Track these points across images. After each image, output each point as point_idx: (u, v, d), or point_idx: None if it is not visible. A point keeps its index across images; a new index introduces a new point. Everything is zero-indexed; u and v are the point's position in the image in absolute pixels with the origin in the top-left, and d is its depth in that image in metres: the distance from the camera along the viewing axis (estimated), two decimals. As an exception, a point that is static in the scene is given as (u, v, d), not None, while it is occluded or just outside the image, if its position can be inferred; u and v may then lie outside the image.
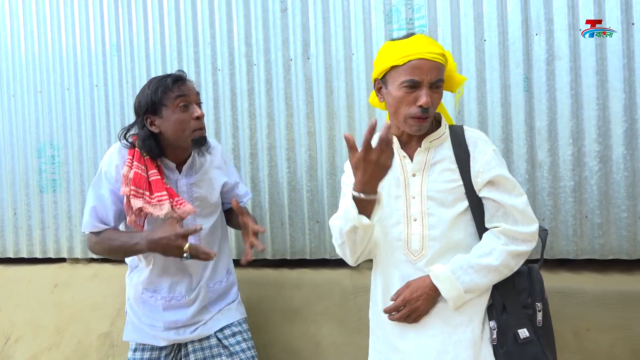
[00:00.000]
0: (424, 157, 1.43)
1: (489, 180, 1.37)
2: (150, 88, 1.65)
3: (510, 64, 1.99)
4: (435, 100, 1.36)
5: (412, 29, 2.10)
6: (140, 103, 1.67)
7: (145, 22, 2.54)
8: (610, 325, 1.82)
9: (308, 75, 2.26)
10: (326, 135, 2.24)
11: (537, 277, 1.40)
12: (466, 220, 1.40)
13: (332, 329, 2.14)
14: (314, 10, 2.24)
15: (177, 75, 1.68)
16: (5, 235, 2.91)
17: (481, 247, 1.37)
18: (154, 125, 1.66)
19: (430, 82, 1.33)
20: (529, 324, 1.36)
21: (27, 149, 2.81)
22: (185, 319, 1.78)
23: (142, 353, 1.81)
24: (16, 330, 2.68)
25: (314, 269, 2.30)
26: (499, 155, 1.43)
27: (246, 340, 1.85)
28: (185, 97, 1.65)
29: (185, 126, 1.65)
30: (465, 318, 1.36)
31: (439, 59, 1.34)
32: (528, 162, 1.98)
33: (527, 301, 1.37)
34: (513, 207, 1.34)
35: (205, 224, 1.80)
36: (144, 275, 1.79)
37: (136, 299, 1.82)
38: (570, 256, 1.95)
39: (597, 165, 1.90)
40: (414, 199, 1.42)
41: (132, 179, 1.63)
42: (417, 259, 1.40)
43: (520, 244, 1.34)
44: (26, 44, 2.81)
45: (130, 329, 1.84)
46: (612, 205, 1.90)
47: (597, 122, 1.89)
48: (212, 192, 1.83)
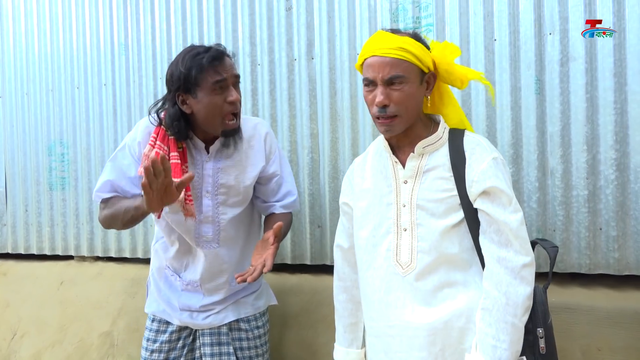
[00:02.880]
0: (416, 164, 1.34)
1: (483, 191, 1.26)
2: (185, 64, 1.50)
3: (521, 65, 1.88)
4: (396, 99, 1.26)
5: (418, 27, 2.02)
6: (173, 77, 1.53)
7: (153, 21, 2.53)
8: (623, 346, 1.69)
9: (312, 75, 2.20)
10: (329, 137, 2.17)
11: (540, 299, 1.28)
12: (461, 233, 1.29)
13: (330, 337, 2.06)
14: (319, 8, 2.18)
15: (214, 53, 1.51)
16: (17, 232, 2.95)
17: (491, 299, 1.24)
18: (185, 105, 1.55)
19: (385, 80, 1.26)
20: (529, 351, 1.25)
21: (38, 146, 2.85)
22: (199, 306, 1.74)
23: (159, 325, 1.79)
24: (22, 325, 2.71)
25: (314, 275, 2.24)
26: (500, 165, 1.30)
27: (250, 339, 1.79)
28: (221, 80, 1.51)
29: (218, 111, 1.54)
30: (454, 340, 1.27)
31: (393, 54, 1.24)
32: (539, 170, 1.86)
33: (528, 326, 1.25)
34: (505, 224, 1.23)
35: (228, 213, 1.69)
36: (169, 252, 1.75)
37: (159, 272, 1.80)
38: (583, 270, 1.83)
39: (613, 174, 1.78)
40: (405, 207, 1.33)
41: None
42: (406, 271, 1.31)
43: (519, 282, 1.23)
44: (39, 44, 2.85)
45: (150, 300, 1.83)
46: (628, 217, 1.77)
47: (614, 127, 1.77)
48: (242, 181, 1.69)
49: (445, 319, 1.28)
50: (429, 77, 1.32)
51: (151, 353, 1.77)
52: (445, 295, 1.29)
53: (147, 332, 1.81)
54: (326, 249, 2.20)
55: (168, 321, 1.78)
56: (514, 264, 1.22)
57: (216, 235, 1.70)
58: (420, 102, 1.33)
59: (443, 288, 1.30)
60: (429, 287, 1.30)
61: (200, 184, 1.66)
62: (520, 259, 1.22)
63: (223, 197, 1.68)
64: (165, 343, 1.77)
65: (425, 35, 2.01)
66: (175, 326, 1.78)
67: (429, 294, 1.30)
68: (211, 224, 1.68)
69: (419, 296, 1.30)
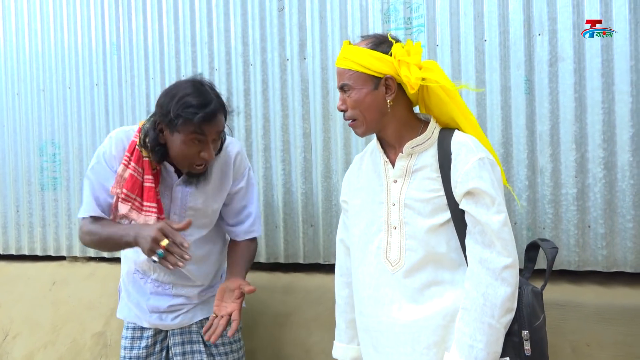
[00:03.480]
0: (405, 163, 1.36)
1: (467, 191, 1.27)
2: (177, 105, 1.47)
3: (511, 65, 1.91)
4: (349, 104, 1.35)
5: (410, 28, 2.04)
6: (162, 109, 1.51)
7: (145, 21, 2.53)
8: (612, 342, 1.72)
9: (304, 75, 2.22)
10: (322, 137, 2.18)
11: (527, 300, 1.28)
12: (448, 233, 1.31)
13: (323, 336, 2.08)
14: (311, 9, 2.19)
15: (208, 114, 1.48)
16: (8, 232, 2.94)
17: (471, 299, 1.26)
18: (161, 134, 1.55)
19: (338, 87, 1.37)
20: (514, 353, 1.25)
21: (29, 146, 2.84)
22: (167, 306, 1.75)
23: (134, 332, 1.79)
24: (14, 326, 2.70)
25: (307, 274, 2.25)
26: (487, 166, 1.29)
27: (222, 336, 1.75)
28: (201, 137, 1.50)
29: (187, 159, 1.55)
30: (439, 339, 1.29)
31: (342, 64, 1.36)
32: (528, 168, 1.89)
33: (513, 327, 1.26)
34: (487, 225, 1.24)
35: (195, 234, 1.71)
36: (138, 257, 1.74)
37: (129, 277, 1.80)
38: (572, 267, 1.86)
39: (601, 172, 1.81)
40: (394, 206, 1.35)
41: (126, 180, 1.57)
42: (395, 269, 1.33)
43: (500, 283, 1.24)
44: (30, 43, 2.83)
45: (122, 305, 1.84)
46: (616, 215, 1.80)
47: (602, 126, 1.80)
48: (210, 204, 1.71)
49: (431, 317, 1.30)
50: (385, 81, 1.33)
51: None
52: (433, 294, 1.31)
53: (124, 341, 1.81)
54: (319, 247, 2.21)
55: (142, 327, 1.79)
56: (495, 265, 1.23)
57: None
58: (378, 105, 1.34)
59: (430, 286, 1.31)
60: (417, 285, 1.32)
61: (169, 205, 1.67)
62: (501, 260, 1.23)
63: (192, 220, 1.67)
64: (143, 349, 1.77)
65: (416, 35, 2.03)
66: (152, 331, 1.78)
67: (416, 291, 1.32)
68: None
69: (407, 293, 1.32)
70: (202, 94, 1.51)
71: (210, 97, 1.52)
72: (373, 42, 1.35)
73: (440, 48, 2.00)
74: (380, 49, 1.33)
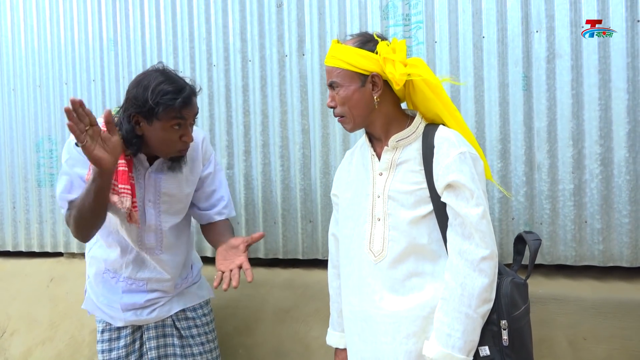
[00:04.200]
0: (390, 157, 1.41)
1: (447, 184, 1.31)
2: (153, 94, 1.48)
3: (509, 62, 1.92)
4: (338, 101, 1.39)
5: (408, 25, 2.05)
6: (136, 100, 1.50)
7: (142, 17, 2.52)
8: (608, 335, 1.75)
9: (303, 71, 2.22)
10: (320, 132, 2.19)
11: (505, 291, 1.32)
12: (430, 225, 1.35)
13: (322, 331, 2.08)
14: (309, 5, 2.20)
15: (186, 97, 1.51)
16: (4, 229, 2.92)
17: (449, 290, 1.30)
18: (138, 126, 1.54)
19: (327, 85, 1.43)
20: (492, 342, 1.30)
21: (26, 143, 2.82)
22: (143, 301, 1.75)
23: (110, 333, 1.78)
24: (12, 323, 2.69)
25: (306, 269, 2.26)
26: (468, 160, 1.32)
27: (198, 326, 1.82)
28: (182, 121, 1.53)
29: (170, 145, 1.56)
30: (418, 329, 1.33)
31: (329, 62, 1.39)
32: (526, 164, 1.91)
33: (492, 317, 1.30)
34: (466, 217, 1.28)
35: (170, 221, 1.72)
36: (108, 256, 1.74)
37: (97, 278, 1.78)
38: (569, 262, 1.88)
39: (598, 168, 1.83)
40: (379, 198, 1.40)
41: None
42: (378, 259, 1.38)
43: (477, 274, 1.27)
44: (26, 38, 2.81)
45: (89, 304, 1.82)
46: (613, 210, 1.82)
47: (599, 123, 1.82)
48: (183, 189, 1.72)
49: (411, 308, 1.34)
50: (372, 78, 1.37)
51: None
52: (413, 285, 1.36)
53: (100, 345, 1.79)
54: (318, 243, 2.22)
55: (118, 327, 1.78)
56: (473, 256, 1.27)
57: (159, 243, 1.73)
58: (365, 102, 1.39)
59: (411, 277, 1.36)
60: (398, 276, 1.36)
61: (143, 193, 1.67)
62: (479, 251, 1.27)
63: (165, 206, 1.70)
64: (122, 348, 1.77)
65: (414, 32, 2.04)
66: (129, 329, 1.78)
67: (398, 282, 1.36)
68: (154, 232, 1.70)
69: (388, 284, 1.37)
70: (174, 80, 1.53)
71: (183, 82, 1.55)
72: (360, 41, 1.40)
73: (438, 45, 2.01)
74: (366, 47, 1.38)
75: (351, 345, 1.49)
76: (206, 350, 1.83)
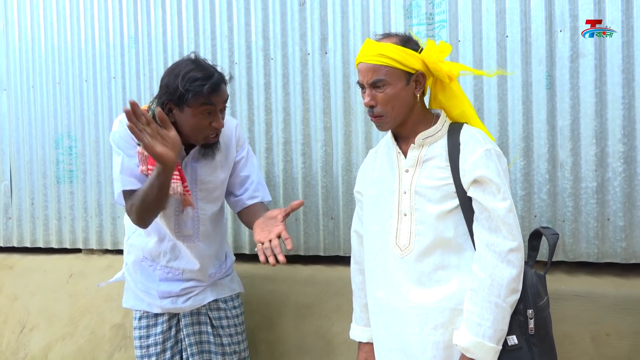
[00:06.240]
0: (416, 154, 1.44)
1: (474, 179, 1.35)
2: (183, 81, 1.53)
3: (532, 61, 1.94)
4: (380, 99, 1.40)
5: (432, 24, 2.07)
6: (168, 88, 1.56)
7: (164, 14, 2.53)
8: (631, 331, 1.77)
9: (325, 70, 2.24)
10: (342, 130, 2.21)
11: (531, 281, 1.36)
12: (456, 219, 1.39)
13: (344, 326, 2.11)
14: (332, 4, 2.21)
15: (214, 83, 1.55)
16: (22, 225, 2.94)
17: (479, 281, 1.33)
18: (171, 114, 1.60)
19: (369, 83, 1.40)
20: (519, 331, 1.33)
21: (45, 139, 2.84)
22: (179, 290, 1.80)
23: (148, 320, 1.83)
24: (31, 319, 2.71)
25: (327, 266, 2.28)
26: (493, 156, 1.37)
27: (229, 317, 1.88)
28: (212, 107, 1.58)
29: (201, 131, 1.61)
30: (446, 320, 1.37)
31: (374, 60, 1.38)
32: (549, 162, 1.93)
33: (519, 307, 1.34)
34: (494, 210, 1.32)
35: (208, 209, 1.77)
36: (147, 244, 1.79)
37: (135, 265, 1.83)
38: (591, 259, 1.90)
39: (621, 167, 1.85)
40: (405, 194, 1.44)
41: (148, 157, 1.59)
42: (404, 253, 1.41)
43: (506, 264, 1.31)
44: (46, 36, 2.83)
45: (128, 295, 1.88)
46: (635, 208, 1.84)
47: (622, 121, 1.84)
48: (219, 174, 1.77)
49: (438, 300, 1.38)
50: (416, 77, 1.42)
51: (147, 348, 1.82)
52: (440, 278, 1.39)
53: (137, 331, 1.84)
54: (339, 240, 2.24)
55: (155, 314, 1.82)
56: (501, 248, 1.31)
57: (196, 231, 1.77)
58: (408, 100, 1.43)
59: (437, 270, 1.39)
60: (425, 269, 1.40)
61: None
62: (507, 243, 1.31)
63: (203, 194, 1.75)
64: (159, 335, 1.82)
65: (438, 31, 2.06)
66: (166, 316, 1.82)
67: (424, 275, 1.40)
68: (191, 219, 1.75)
69: (415, 277, 1.41)
70: (204, 68, 1.59)
71: (212, 69, 1.60)
72: (402, 40, 1.42)
73: (462, 44, 2.03)
74: (409, 46, 1.41)
75: (377, 337, 1.52)
76: (234, 342, 1.87)
